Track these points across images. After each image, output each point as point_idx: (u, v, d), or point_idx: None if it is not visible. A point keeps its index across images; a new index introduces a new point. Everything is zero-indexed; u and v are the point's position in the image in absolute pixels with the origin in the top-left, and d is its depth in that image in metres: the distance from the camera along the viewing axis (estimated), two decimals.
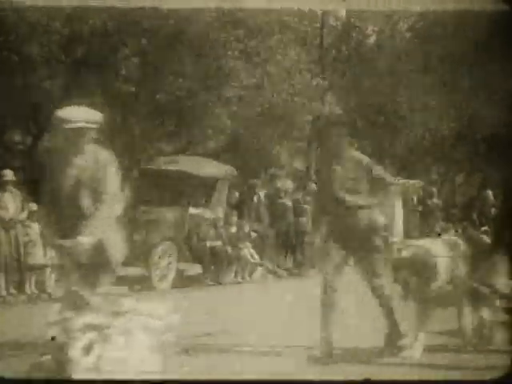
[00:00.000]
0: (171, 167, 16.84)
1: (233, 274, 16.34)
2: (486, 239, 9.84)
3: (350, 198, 8.40)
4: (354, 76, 21.93)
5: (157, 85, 18.05)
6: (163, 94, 18.22)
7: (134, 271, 15.31)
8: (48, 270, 14.05)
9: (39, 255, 13.98)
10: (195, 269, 16.32)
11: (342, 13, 22.64)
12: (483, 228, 21.48)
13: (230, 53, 18.67)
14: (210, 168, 17.56)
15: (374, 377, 6.97)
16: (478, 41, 21.01)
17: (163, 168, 17.00)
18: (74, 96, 18.44)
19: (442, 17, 20.98)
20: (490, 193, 21.85)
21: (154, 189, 17.11)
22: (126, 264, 14.96)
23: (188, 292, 14.78)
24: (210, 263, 16.07)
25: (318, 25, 22.46)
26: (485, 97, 22.11)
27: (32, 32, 16.69)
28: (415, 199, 20.49)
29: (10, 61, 16.28)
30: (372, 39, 23.04)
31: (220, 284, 15.84)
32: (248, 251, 16.52)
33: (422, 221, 20.46)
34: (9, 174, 14.09)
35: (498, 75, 21.15)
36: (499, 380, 5.39)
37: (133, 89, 17.95)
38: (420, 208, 20.52)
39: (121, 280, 14.32)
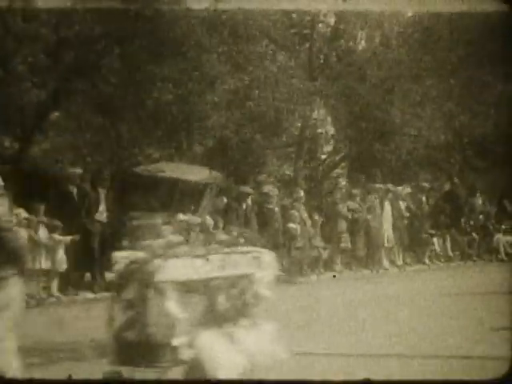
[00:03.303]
0: (156, 175, 16.82)
1: None
2: None
3: None
4: (344, 82, 21.92)
5: (145, 90, 17.99)
6: (151, 100, 18.15)
7: None
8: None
9: None
10: None
11: (332, 19, 22.65)
12: (472, 234, 21.59)
13: (215, 57, 18.63)
14: (198, 174, 17.50)
15: None
16: (475, 42, 21.11)
17: (151, 174, 16.94)
18: (62, 103, 18.46)
19: (436, 20, 21.06)
20: (478, 200, 21.97)
21: (142, 194, 17.05)
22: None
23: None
24: None
25: (308, 31, 22.47)
26: (474, 107, 22.22)
27: (19, 39, 16.59)
28: (403, 206, 20.51)
29: None
30: (362, 45, 23.07)
31: None
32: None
33: (410, 228, 20.48)
34: None
35: (489, 83, 21.30)
36: (499, 380, 5.37)
37: (121, 94, 17.87)
38: (408, 215, 20.54)
39: (111, 286, 14.26)
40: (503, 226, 21.72)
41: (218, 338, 7.53)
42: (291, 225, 17.75)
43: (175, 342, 7.27)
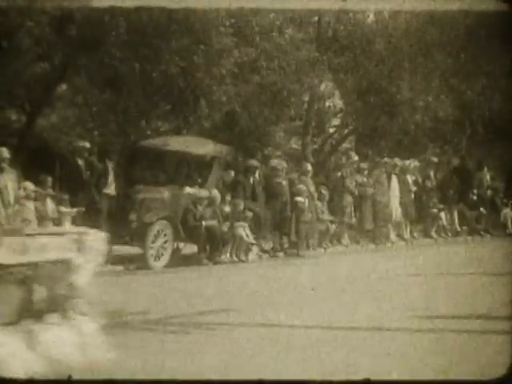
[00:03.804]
0: (163, 148, 16.82)
1: (228, 254, 16.32)
2: None
3: None
4: (352, 55, 21.84)
5: (151, 64, 17.96)
6: (158, 73, 18.12)
7: (129, 250, 15.31)
8: None
9: None
10: (191, 248, 16.31)
11: None
12: (480, 209, 21.58)
13: (222, 30, 18.56)
14: (205, 147, 17.51)
15: None
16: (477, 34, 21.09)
17: (158, 148, 16.96)
18: (68, 76, 18.46)
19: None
20: (486, 174, 21.90)
21: (150, 168, 17.07)
22: (121, 243, 15.06)
23: (183, 271, 14.80)
24: (206, 243, 16.05)
25: (316, 3, 22.32)
26: (483, 82, 22.13)
27: (23, 13, 16.53)
28: (410, 180, 20.47)
29: (2, 42, 16.15)
30: (370, 19, 22.94)
31: (216, 263, 15.82)
32: (243, 231, 16.50)
33: (417, 202, 20.46)
34: (5, 152, 13.99)
35: (497, 62, 21.21)
36: (499, 380, 5.39)
37: (127, 68, 17.84)
38: (415, 189, 20.51)
39: (116, 259, 14.36)
40: (511, 201, 21.70)
41: (7, 337, 6.50)
42: (299, 198, 17.75)
43: None
